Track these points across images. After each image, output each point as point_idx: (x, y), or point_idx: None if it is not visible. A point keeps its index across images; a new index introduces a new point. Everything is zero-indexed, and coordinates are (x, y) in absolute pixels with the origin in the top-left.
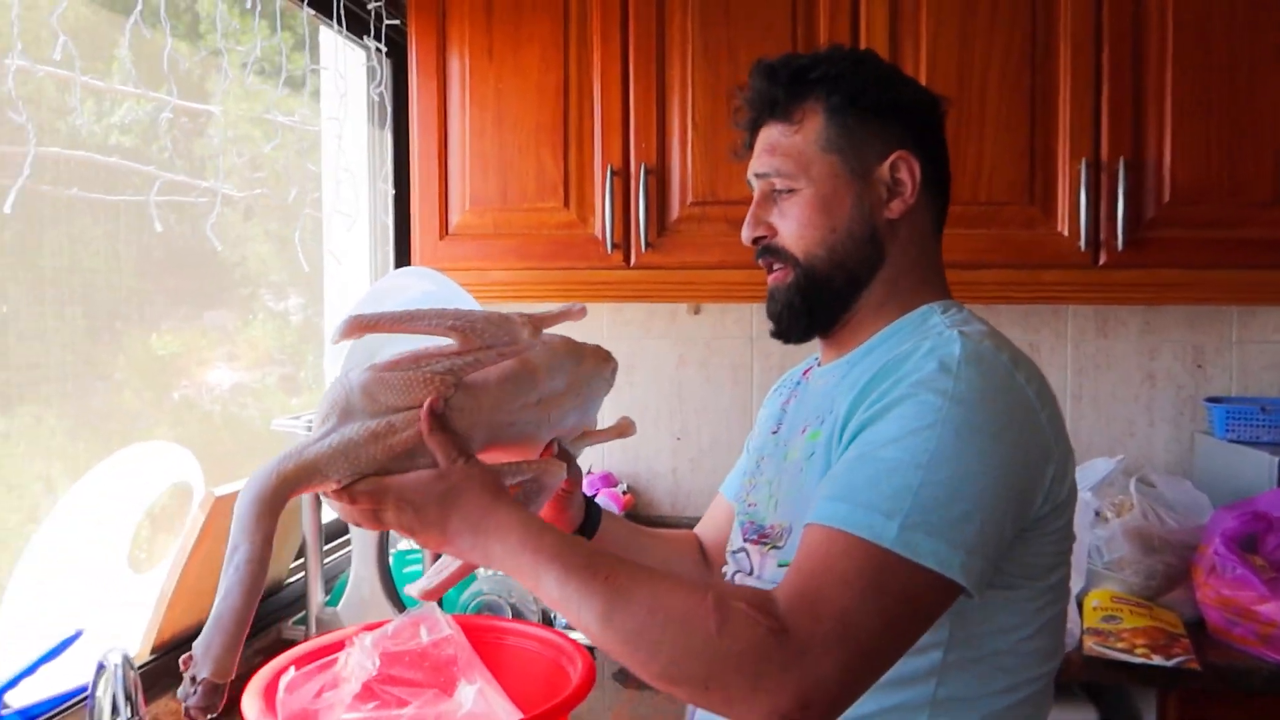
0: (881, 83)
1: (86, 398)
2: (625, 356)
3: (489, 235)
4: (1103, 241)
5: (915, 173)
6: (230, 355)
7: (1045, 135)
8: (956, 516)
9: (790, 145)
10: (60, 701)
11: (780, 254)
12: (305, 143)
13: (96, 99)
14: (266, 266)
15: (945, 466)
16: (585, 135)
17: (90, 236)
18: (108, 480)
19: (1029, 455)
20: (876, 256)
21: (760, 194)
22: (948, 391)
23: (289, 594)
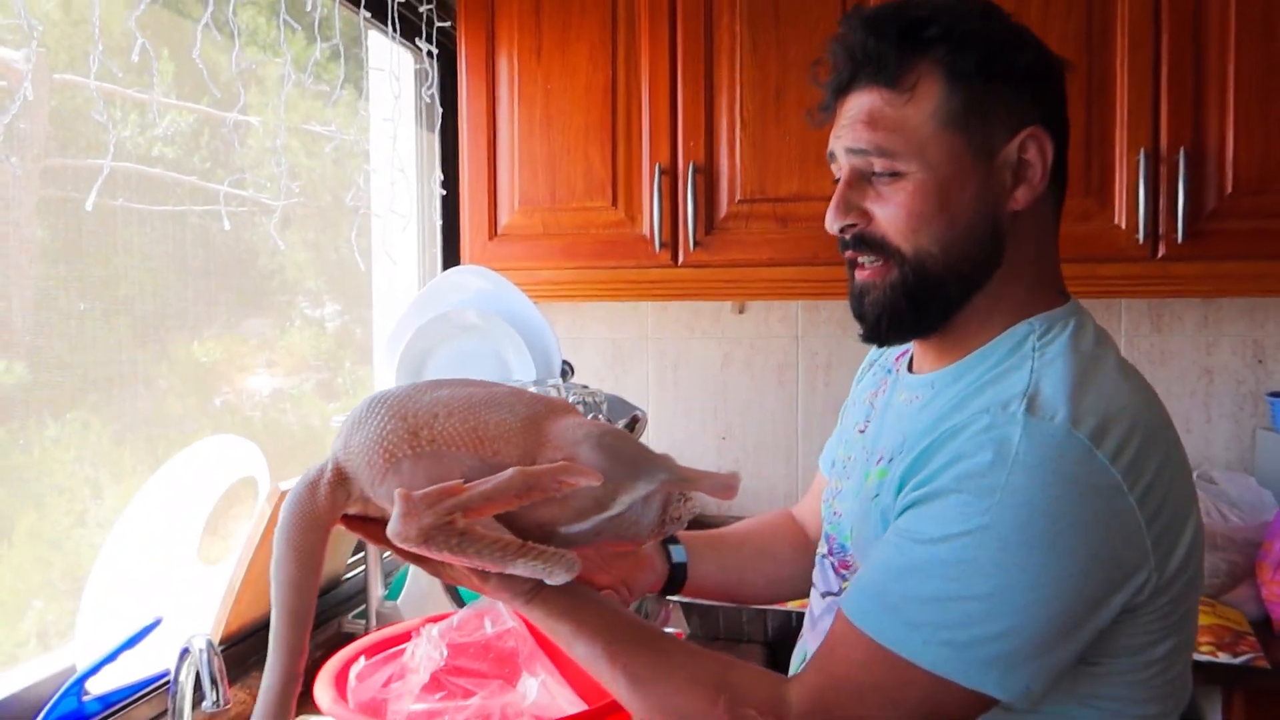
0: (1012, 43)
1: (132, 404)
2: (671, 355)
3: (538, 235)
4: (1161, 234)
5: (1048, 153)
6: (269, 362)
7: (1102, 125)
8: (993, 634)
9: (899, 118)
10: (140, 688)
11: (879, 247)
12: (342, 151)
13: (140, 112)
14: (303, 274)
15: (984, 581)
16: (633, 134)
17: (135, 246)
18: (180, 474)
19: (1105, 553)
20: (995, 255)
21: (852, 173)
22: (997, 489)
23: (349, 588)
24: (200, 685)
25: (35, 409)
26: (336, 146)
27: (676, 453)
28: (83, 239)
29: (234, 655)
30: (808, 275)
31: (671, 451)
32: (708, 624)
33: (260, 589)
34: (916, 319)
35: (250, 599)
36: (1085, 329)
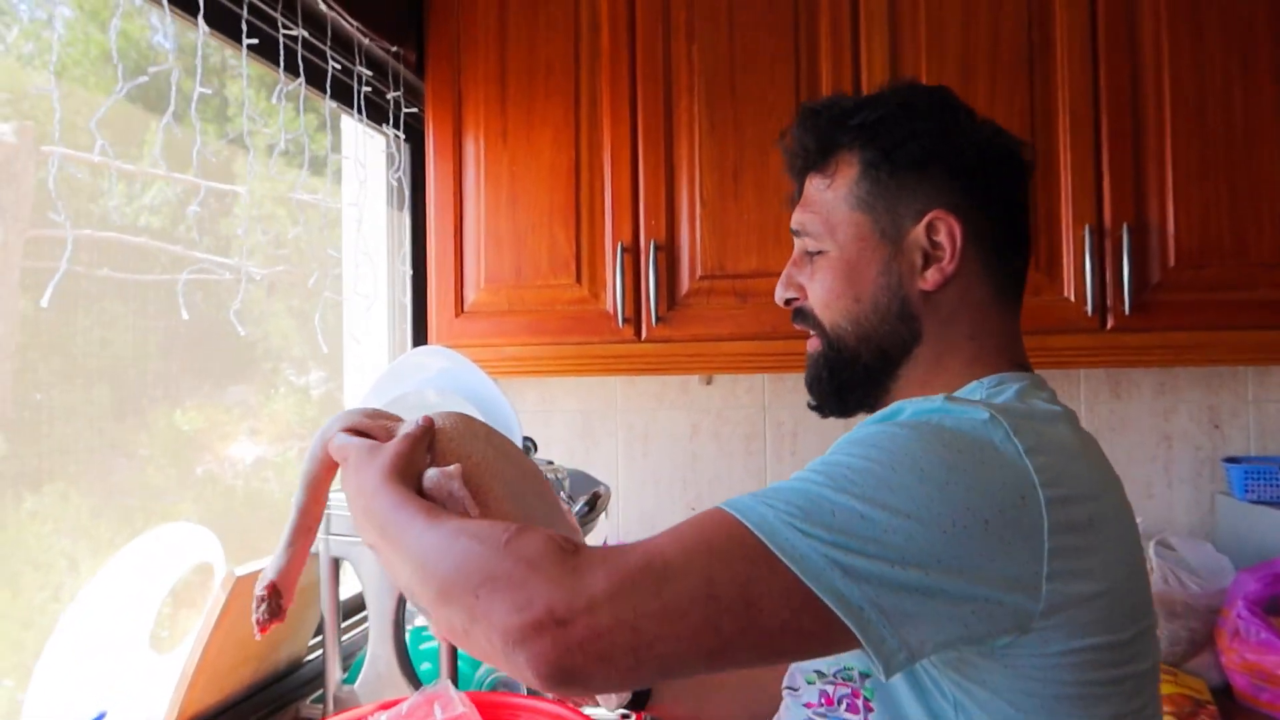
0: (931, 131)
1: (111, 475)
2: (639, 427)
3: (503, 312)
4: (1109, 306)
5: (956, 235)
6: (252, 430)
7: (1048, 202)
8: (850, 541)
9: (821, 201)
10: None
11: (809, 319)
12: (327, 219)
13: (127, 182)
14: (288, 342)
15: (859, 491)
16: (596, 213)
17: (117, 315)
18: (132, 562)
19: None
20: (910, 333)
21: (797, 251)
22: (899, 423)
23: (307, 672)
24: None
25: (11, 482)
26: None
27: (646, 522)
28: (65, 309)
29: None
30: (767, 349)
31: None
32: None
33: (215, 674)
34: (840, 390)
35: (204, 685)
36: (1043, 391)
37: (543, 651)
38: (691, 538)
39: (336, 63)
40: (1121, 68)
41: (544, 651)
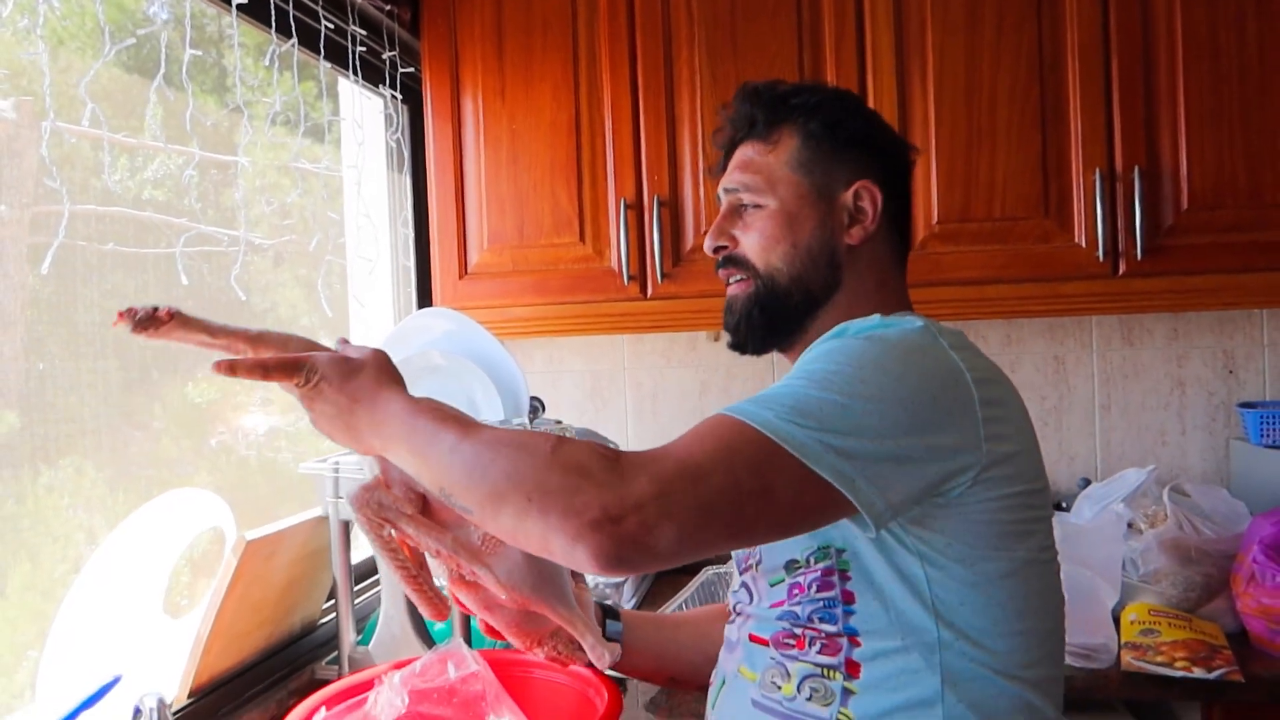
0: (859, 117)
1: (125, 448)
2: (648, 386)
3: (507, 272)
4: (1121, 251)
5: (877, 202)
6: (264, 400)
7: (1057, 147)
8: (837, 429)
9: (763, 163)
10: None
11: (742, 264)
12: (330, 189)
13: (129, 155)
14: (296, 311)
15: (838, 392)
16: (598, 170)
17: (124, 290)
18: (142, 528)
19: (943, 402)
20: (834, 279)
21: (727, 207)
22: (853, 335)
23: (321, 634)
24: None
25: (28, 457)
26: (327, 182)
27: None
28: (74, 284)
29: (205, 707)
30: None
31: None
32: None
33: (230, 639)
34: (768, 326)
35: (220, 649)
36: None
37: (599, 545)
38: (713, 442)
39: (330, 22)
40: (1132, 7)
41: (600, 545)
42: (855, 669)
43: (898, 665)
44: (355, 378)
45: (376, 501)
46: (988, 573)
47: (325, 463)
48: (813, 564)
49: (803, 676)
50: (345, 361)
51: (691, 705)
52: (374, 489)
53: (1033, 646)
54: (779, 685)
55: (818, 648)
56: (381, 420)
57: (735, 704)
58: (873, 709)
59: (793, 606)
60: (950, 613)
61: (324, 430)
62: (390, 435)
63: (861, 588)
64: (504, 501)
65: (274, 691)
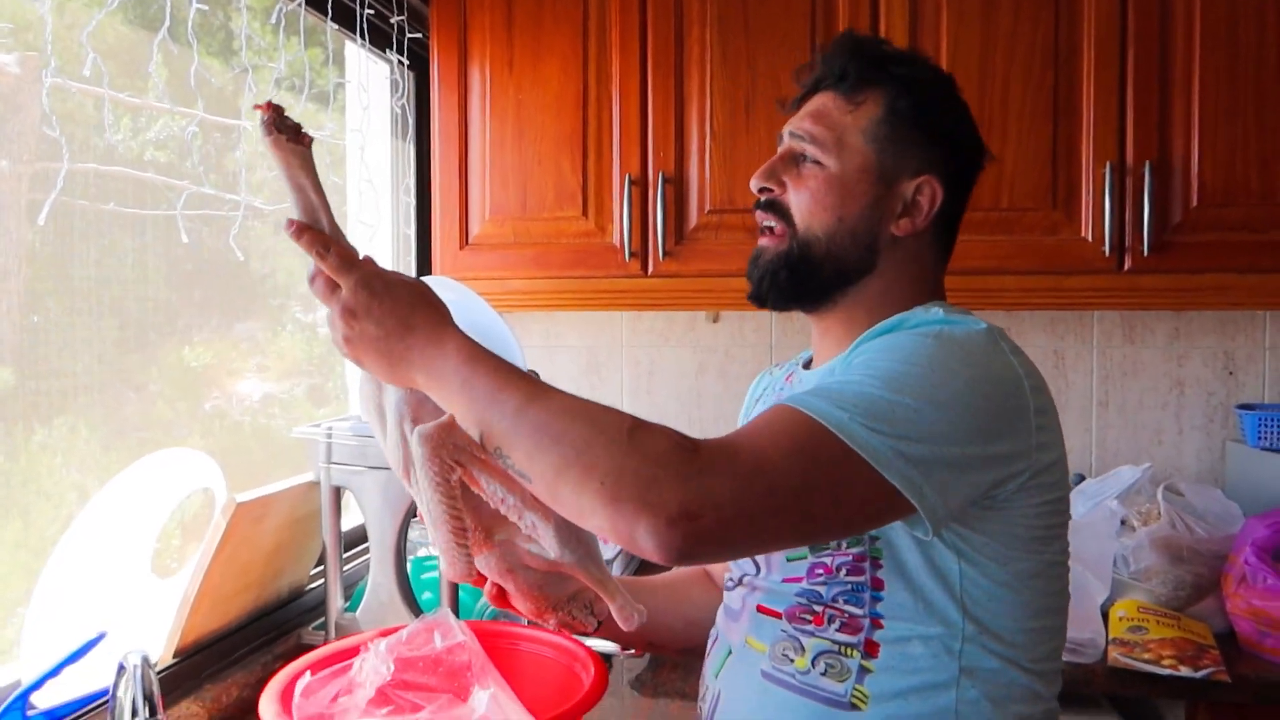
0: (950, 109)
1: (120, 409)
2: (645, 364)
3: (508, 244)
4: (1128, 246)
5: (936, 201)
6: (260, 366)
7: (1068, 138)
8: (911, 435)
9: (838, 120)
10: (85, 703)
11: (783, 213)
12: (333, 156)
13: (133, 116)
14: (295, 278)
15: (910, 394)
16: (604, 145)
17: (123, 250)
18: (132, 486)
19: (1002, 409)
20: (869, 263)
21: (786, 152)
22: (930, 336)
23: (309, 600)
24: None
25: (22, 414)
26: (330, 150)
27: None
28: (72, 243)
29: (190, 667)
30: None
31: None
32: None
33: (217, 600)
34: (793, 289)
35: (207, 610)
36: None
37: (672, 541)
38: (789, 441)
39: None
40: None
41: (673, 541)
42: (874, 649)
43: (918, 650)
44: (417, 305)
45: (453, 443)
46: (1019, 572)
47: (319, 428)
48: (844, 548)
49: (818, 651)
50: (406, 284)
51: (676, 683)
52: (451, 429)
53: (1045, 641)
54: (791, 658)
55: (837, 625)
56: (436, 357)
57: (743, 675)
58: (888, 688)
59: (814, 586)
60: (978, 607)
61: (355, 353)
62: (442, 375)
63: (892, 576)
64: (570, 478)
65: (260, 654)
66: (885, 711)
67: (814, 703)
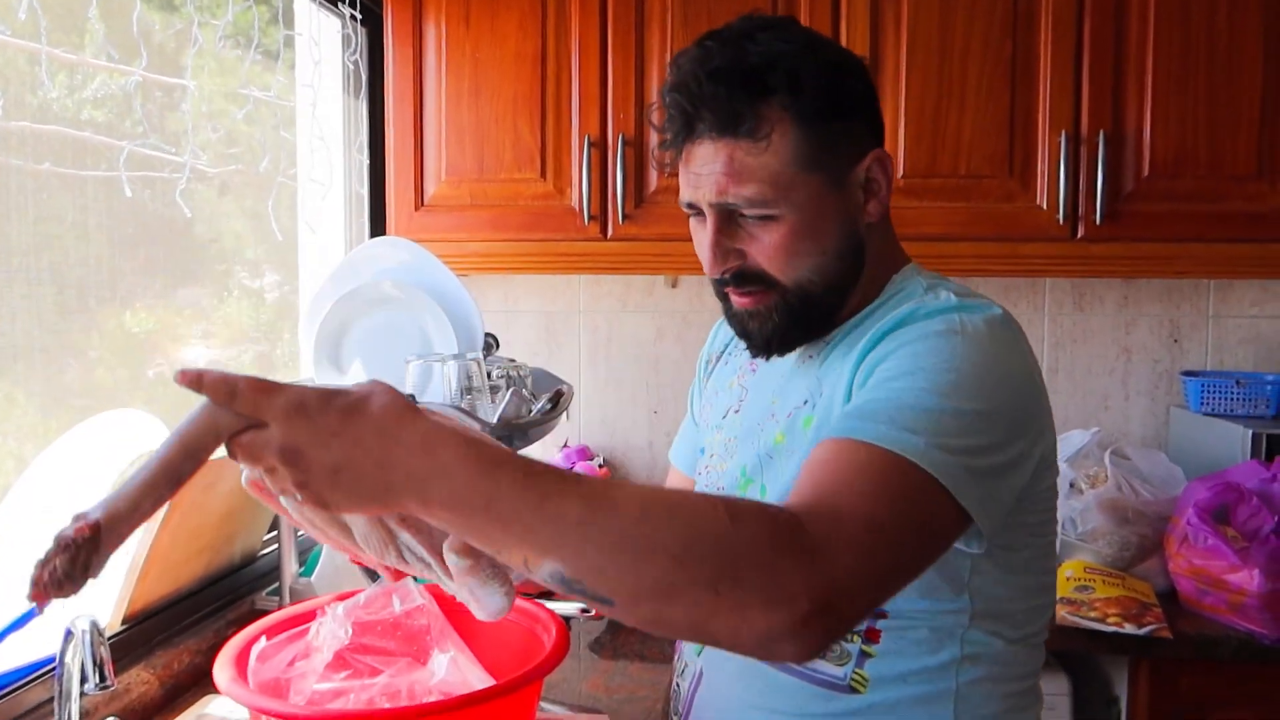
0: (844, 76)
1: (59, 375)
2: (603, 330)
3: (465, 206)
4: (1081, 215)
5: (889, 169)
6: (206, 333)
7: (1025, 107)
8: (979, 447)
9: (761, 168)
10: (28, 672)
11: (760, 279)
12: (280, 117)
13: (69, 73)
14: (241, 243)
15: (965, 399)
16: (563, 105)
17: (61, 212)
18: (76, 448)
19: (1034, 404)
20: (859, 264)
21: (718, 222)
22: (957, 332)
23: (263, 565)
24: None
25: None
26: (275, 111)
27: (608, 428)
28: (6, 204)
29: (139, 634)
30: None
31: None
32: None
33: (167, 566)
34: (805, 333)
35: (155, 576)
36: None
37: (810, 642)
38: (883, 489)
39: None
40: None
41: (812, 642)
42: (875, 635)
43: (922, 635)
44: (366, 409)
45: None
46: (1025, 558)
47: None
48: None
49: None
50: (341, 391)
51: (635, 645)
52: None
53: (1040, 616)
54: None
55: None
56: (434, 473)
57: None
58: (888, 672)
59: None
60: (984, 592)
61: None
62: (451, 495)
63: None
64: (676, 594)
65: (212, 620)
66: (885, 694)
67: (810, 685)
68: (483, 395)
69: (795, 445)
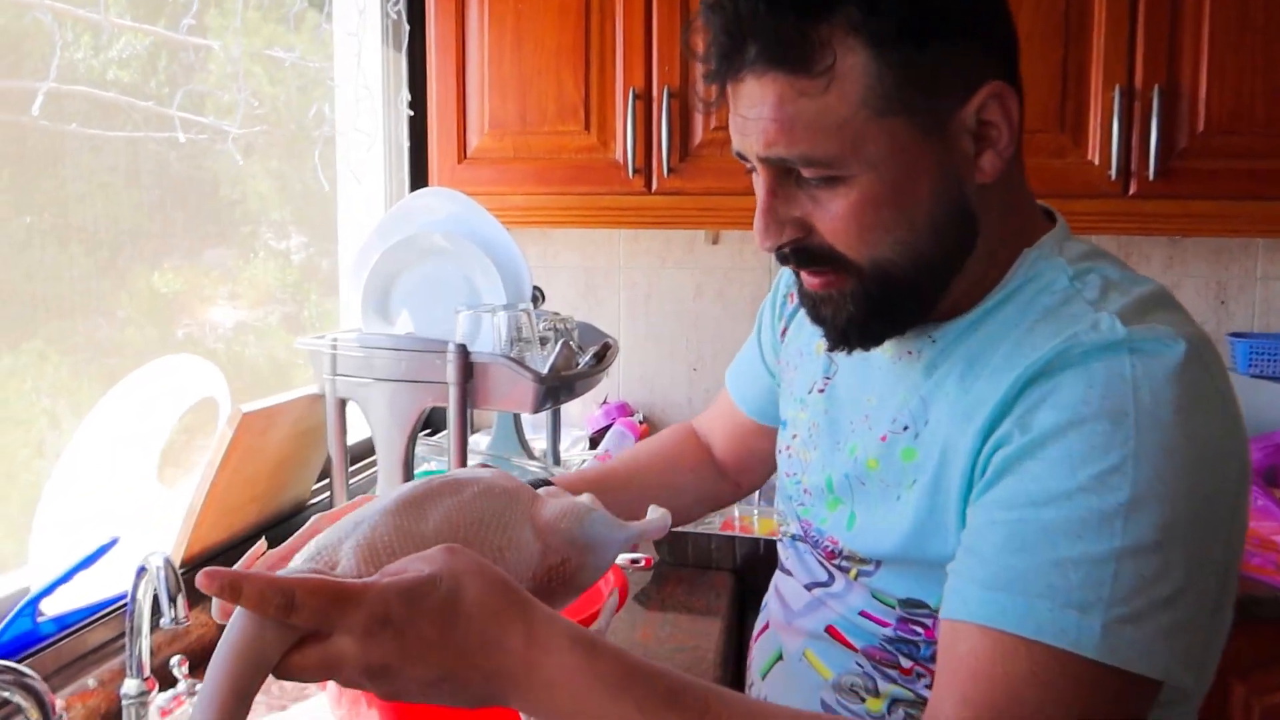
0: None
1: (90, 334)
2: (642, 286)
3: (508, 159)
4: (1133, 171)
5: (1012, 110)
6: (232, 294)
7: (1078, 62)
8: (1167, 597)
9: (820, 113)
10: (96, 610)
11: (828, 259)
12: (305, 79)
13: (93, 33)
14: (267, 204)
15: (1145, 526)
16: (607, 56)
17: (90, 173)
18: (136, 393)
19: (1232, 483)
20: (968, 238)
21: (772, 181)
22: (1128, 414)
23: (311, 513)
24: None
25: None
26: (300, 73)
27: (647, 384)
28: (35, 166)
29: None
30: None
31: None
32: (676, 551)
33: (222, 511)
34: (891, 324)
35: (212, 521)
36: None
37: None
38: (1075, 707)
39: None
40: None
41: None
42: None
43: None
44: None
45: None
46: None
47: (323, 339)
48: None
49: (897, 698)
50: (425, 586)
51: (681, 597)
52: None
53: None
54: (862, 697)
55: (926, 682)
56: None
57: (798, 692)
58: None
59: (911, 639)
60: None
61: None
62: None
63: None
64: None
65: None
66: None
67: None
68: (531, 346)
69: (891, 479)
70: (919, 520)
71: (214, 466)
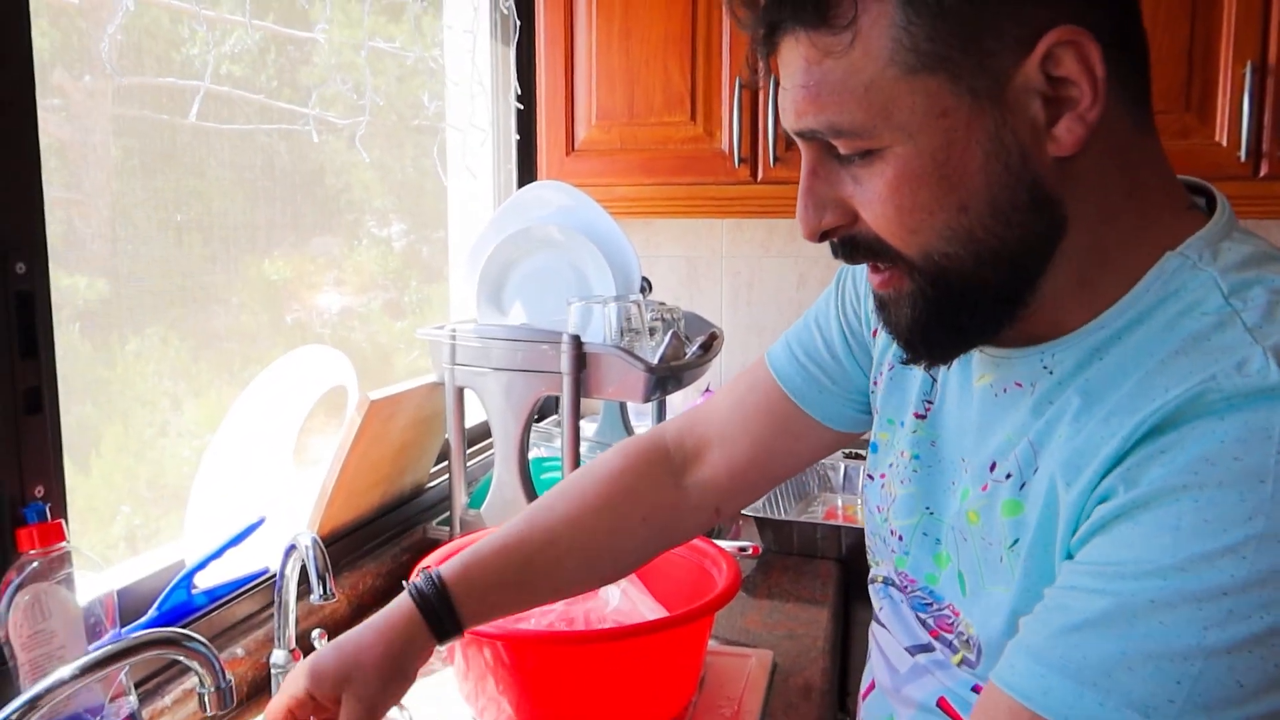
0: None
1: (207, 320)
2: (744, 275)
3: (615, 150)
4: (1264, 152)
5: (1092, 60)
6: (338, 280)
7: (1206, 36)
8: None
9: (844, 75)
10: (243, 583)
11: (878, 252)
12: (407, 70)
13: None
14: (370, 193)
15: (1254, 605)
16: (713, 46)
17: (204, 166)
18: (276, 382)
19: None
20: (1051, 226)
21: (813, 159)
22: (1268, 483)
23: (432, 495)
24: (306, 579)
25: (116, 324)
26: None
27: None
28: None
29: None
30: None
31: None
32: (781, 539)
33: (350, 493)
34: (959, 332)
35: (342, 503)
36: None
37: None
38: None
39: None
40: None
41: None
42: None
43: None
44: None
45: None
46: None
47: (443, 330)
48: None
49: None
50: None
51: (787, 585)
52: None
53: None
54: None
55: None
56: None
57: None
58: None
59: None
60: None
61: None
62: None
63: None
64: None
65: (389, 547)
66: None
67: None
68: (641, 337)
69: (991, 537)
70: (1023, 589)
71: (344, 451)
